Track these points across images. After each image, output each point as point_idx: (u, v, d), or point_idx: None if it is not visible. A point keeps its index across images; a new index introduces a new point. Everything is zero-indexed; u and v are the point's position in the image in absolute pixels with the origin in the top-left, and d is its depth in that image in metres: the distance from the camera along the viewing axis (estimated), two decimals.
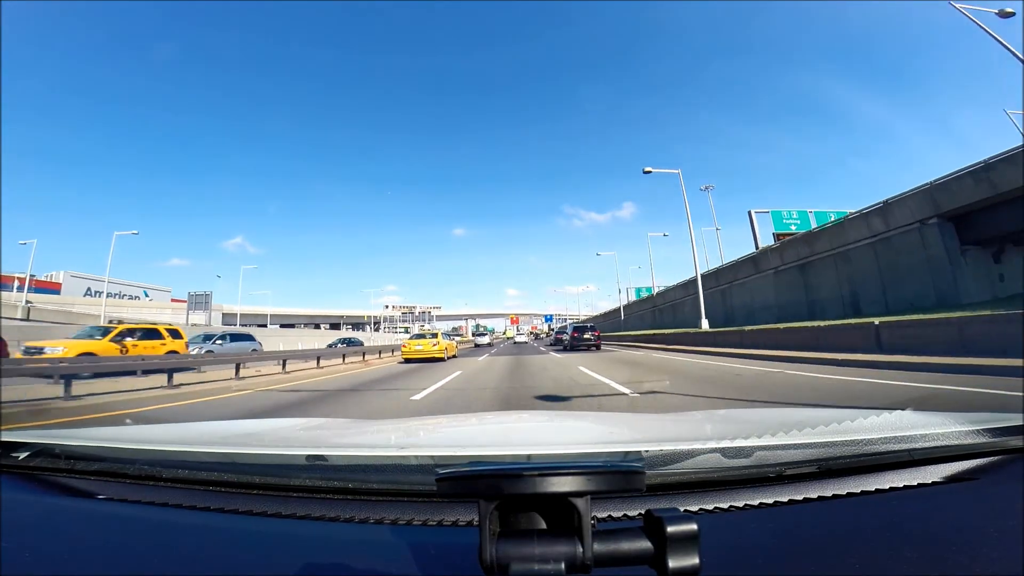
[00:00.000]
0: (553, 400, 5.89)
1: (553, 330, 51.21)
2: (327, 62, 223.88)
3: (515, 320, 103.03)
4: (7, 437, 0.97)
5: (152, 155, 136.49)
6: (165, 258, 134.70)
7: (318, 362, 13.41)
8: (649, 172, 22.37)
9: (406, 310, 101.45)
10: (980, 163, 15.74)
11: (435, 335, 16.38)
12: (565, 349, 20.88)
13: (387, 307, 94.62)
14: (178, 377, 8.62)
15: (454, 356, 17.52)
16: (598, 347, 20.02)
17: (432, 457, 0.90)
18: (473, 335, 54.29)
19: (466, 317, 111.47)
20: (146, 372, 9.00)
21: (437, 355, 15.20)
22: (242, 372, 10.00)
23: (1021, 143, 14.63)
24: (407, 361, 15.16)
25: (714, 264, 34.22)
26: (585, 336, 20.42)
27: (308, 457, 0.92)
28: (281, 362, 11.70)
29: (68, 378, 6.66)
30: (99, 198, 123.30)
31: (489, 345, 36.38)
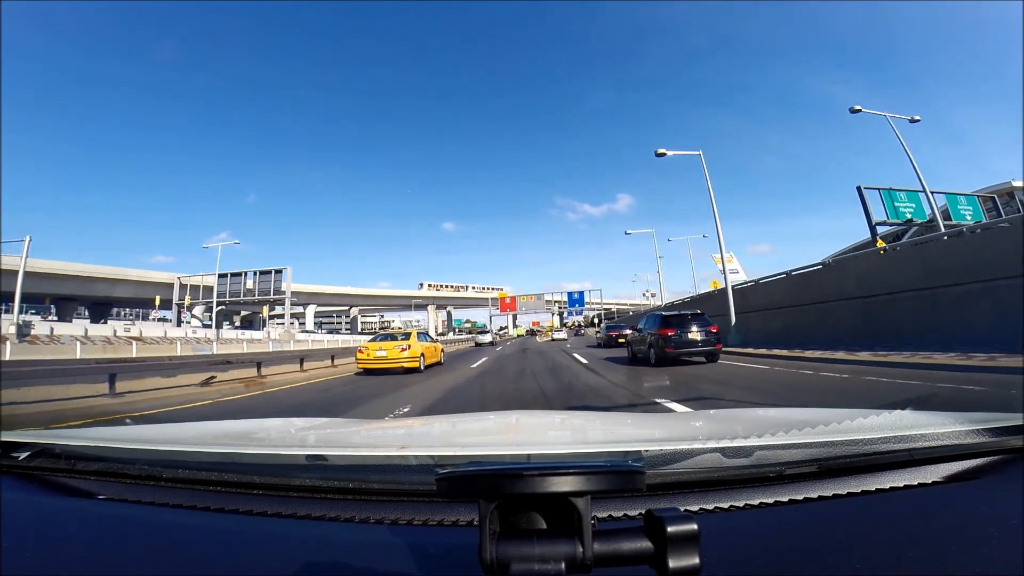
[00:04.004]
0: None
1: (588, 325, 29.97)
2: (315, 53, 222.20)
3: (507, 305, 58.82)
4: (7, 437, 0.97)
5: (136, 147, 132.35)
6: (149, 254, 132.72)
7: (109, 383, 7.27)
8: (664, 154, 17.10)
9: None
10: None
11: (407, 335, 11.97)
12: (635, 358, 11.50)
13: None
14: None
15: (438, 363, 12.90)
16: (712, 357, 10.10)
17: (432, 457, 0.90)
18: (476, 332, 46.91)
19: (420, 301, 71.04)
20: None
21: (408, 364, 10.89)
22: None
23: None
24: (366, 372, 10.97)
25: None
26: (690, 334, 9.85)
27: (308, 457, 0.92)
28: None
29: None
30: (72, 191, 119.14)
31: (492, 344, 32.13)
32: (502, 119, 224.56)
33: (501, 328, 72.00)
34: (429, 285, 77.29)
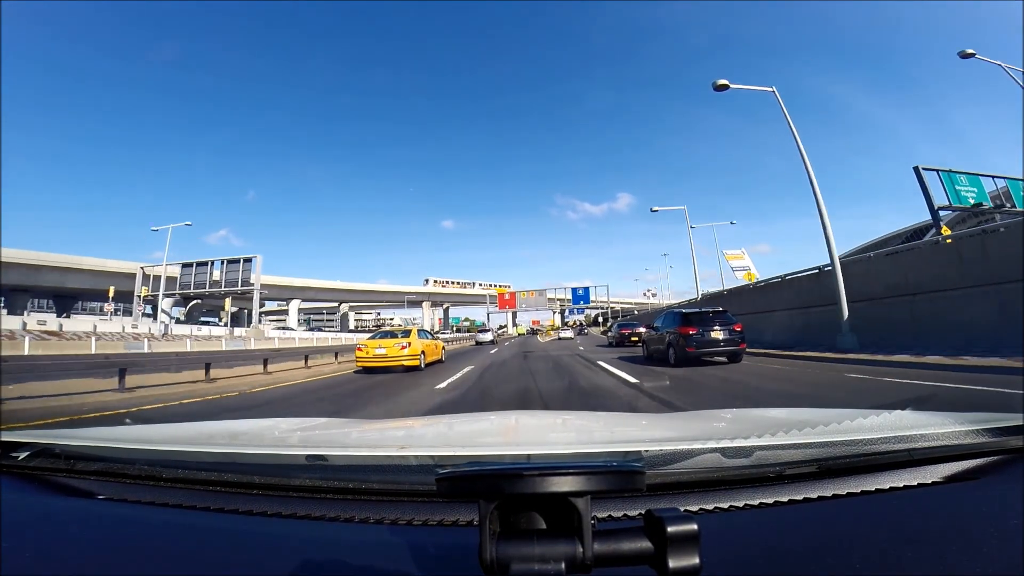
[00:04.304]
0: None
1: (592, 324, 29.88)
2: (315, 53, 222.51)
3: (507, 301, 58.93)
4: (7, 437, 0.97)
5: (135, 145, 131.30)
6: (148, 251, 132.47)
7: None
8: (726, 87, 12.91)
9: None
10: None
11: (407, 333, 11.71)
12: (651, 359, 11.21)
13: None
14: None
15: (439, 361, 12.63)
16: (735, 357, 9.70)
17: (432, 457, 0.90)
18: (475, 331, 45.22)
19: (414, 297, 63.98)
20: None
21: (408, 362, 10.75)
22: None
23: None
24: (366, 371, 10.82)
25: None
26: (712, 333, 9.49)
27: (308, 457, 0.92)
28: None
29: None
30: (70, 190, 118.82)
31: (492, 343, 31.05)
32: (502, 118, 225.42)
33: (500, 327, 66.68)
34: (435, 281, 74.44)
